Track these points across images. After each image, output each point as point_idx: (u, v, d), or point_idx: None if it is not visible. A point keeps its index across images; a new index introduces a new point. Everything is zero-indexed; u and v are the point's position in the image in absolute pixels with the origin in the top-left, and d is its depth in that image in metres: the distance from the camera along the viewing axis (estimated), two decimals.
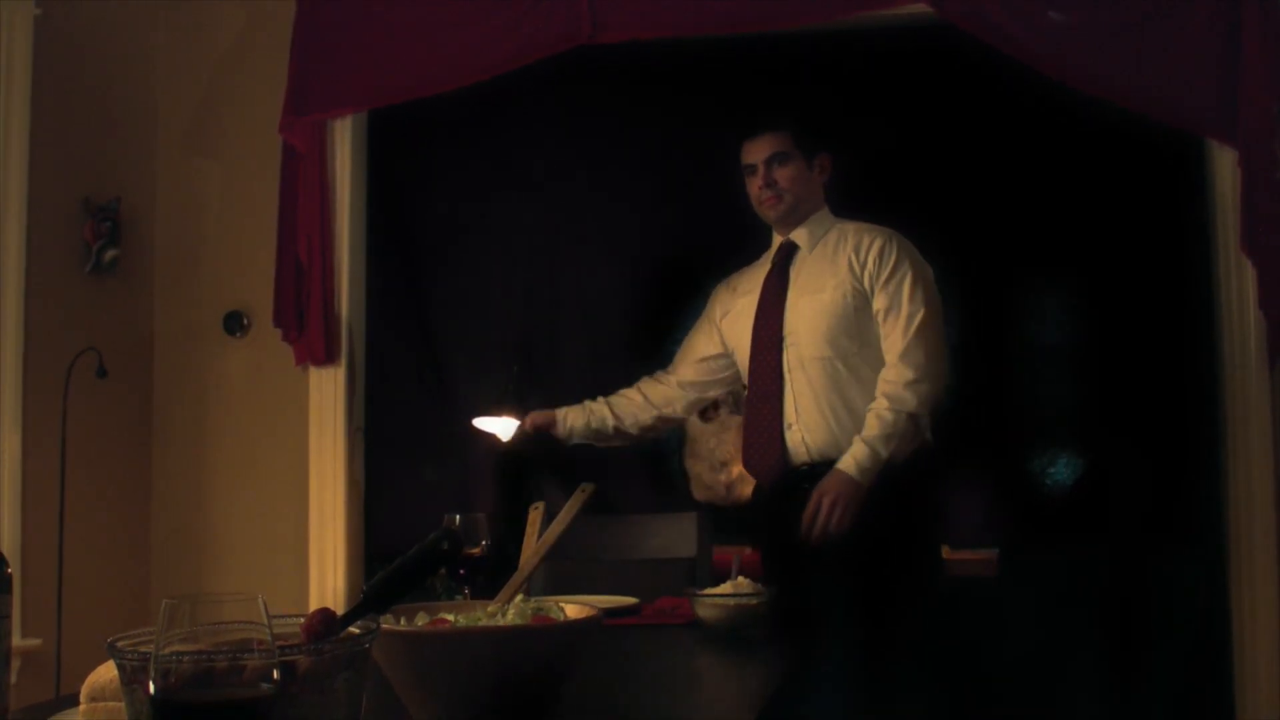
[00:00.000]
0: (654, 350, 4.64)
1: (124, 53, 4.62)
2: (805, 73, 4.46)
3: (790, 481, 3.27)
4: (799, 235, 3.43)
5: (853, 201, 3.51)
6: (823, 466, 3.19)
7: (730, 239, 3.67)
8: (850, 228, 3.41)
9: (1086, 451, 4.42)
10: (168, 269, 4.72)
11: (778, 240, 3.49)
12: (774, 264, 3.45)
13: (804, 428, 3.27)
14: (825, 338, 3.27)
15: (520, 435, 3.62)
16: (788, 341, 3.33)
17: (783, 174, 3.40)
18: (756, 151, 3.43)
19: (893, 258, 3.28)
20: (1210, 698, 4.04)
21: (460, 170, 4.78)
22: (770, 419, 3.32)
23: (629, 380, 3.68)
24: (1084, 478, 4.41)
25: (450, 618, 1.60)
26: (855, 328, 3.27)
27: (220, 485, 4.65)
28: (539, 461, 4.00)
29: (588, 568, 3.35)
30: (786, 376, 3.32)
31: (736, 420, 4.44)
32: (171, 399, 4.69)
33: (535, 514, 2.04)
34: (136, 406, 4.62)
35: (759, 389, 3.37)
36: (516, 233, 4.79)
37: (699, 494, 4.44)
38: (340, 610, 1.36)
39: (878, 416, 3.15)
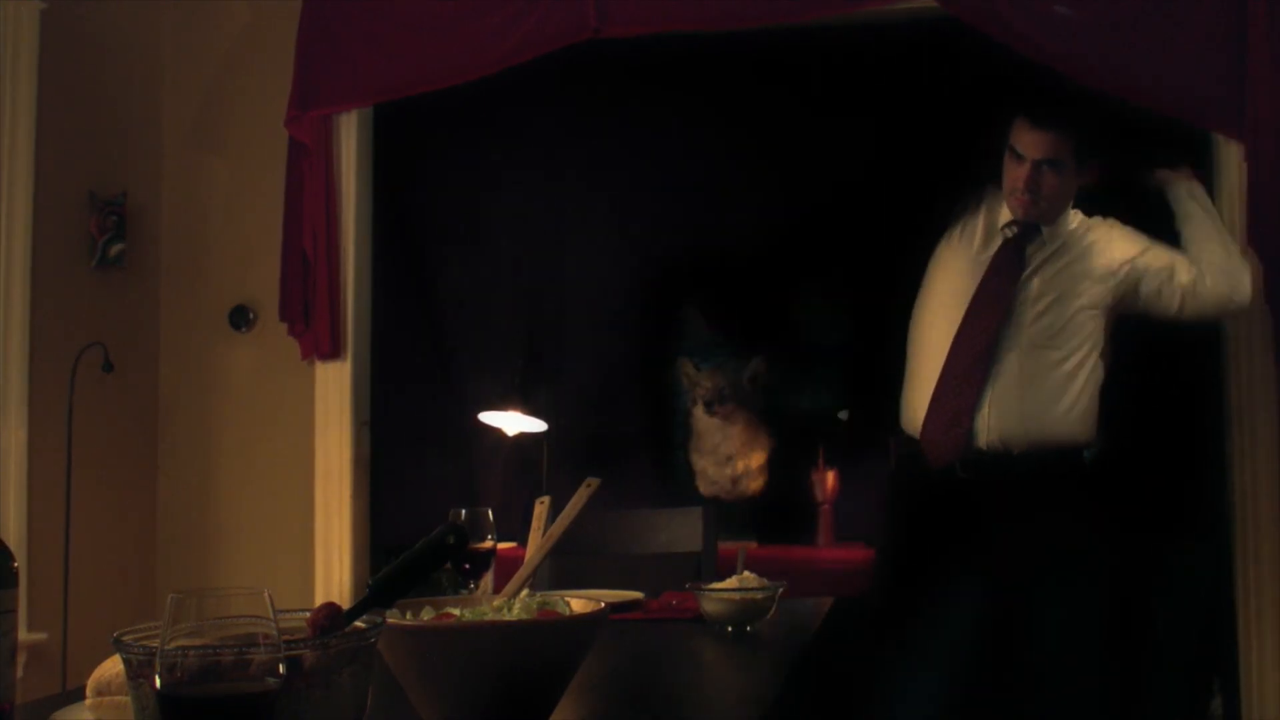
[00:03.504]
0: (659, 345, 4.66)
1: (130, 47, 4.62)
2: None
3: (975, 465, 3.25)
4: (1046, 224, 3.39)
5: None
6: (1005, 456, 3.20)
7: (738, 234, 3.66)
8: (1112, 227, 3.41)
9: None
10: (173, 263, 4.72)
11: (1007, 214, 3.41)
12: (1009, 239, 3.39)
13: (997, 411, 3.25)
14: (1055, 326, 3.26)
15: None
16: (1011, 321, 3.30)
17: (1051, 181, 3.30)
18: (1034, 145, 3.31)
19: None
20: (1216, 693, 4.03)
21: (466, 164, 4.78)
22: (965, 397, 3.28)
23: (634, 376, 3.68)
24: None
25: (456, 612, 1.60)
26: (1088, 325, 3.29)
27: (226, 479, 4.65)
28: None
29: (593, 562, 3.35)
30: (998, 354, 3.28)
31: (743, 415, 4.45)
32: (177, 393, 4.70)
33: (540, 508, 2.04)
34: (142, 401, 4.63)
35: (959, 365, 3.33)
36: (522, 226, 4.80)
37: (704, 488, 4.45)
38: (346, 605, 1.36)
39: None
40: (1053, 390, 3.27)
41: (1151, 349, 4.24)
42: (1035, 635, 3.16)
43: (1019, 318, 3.30)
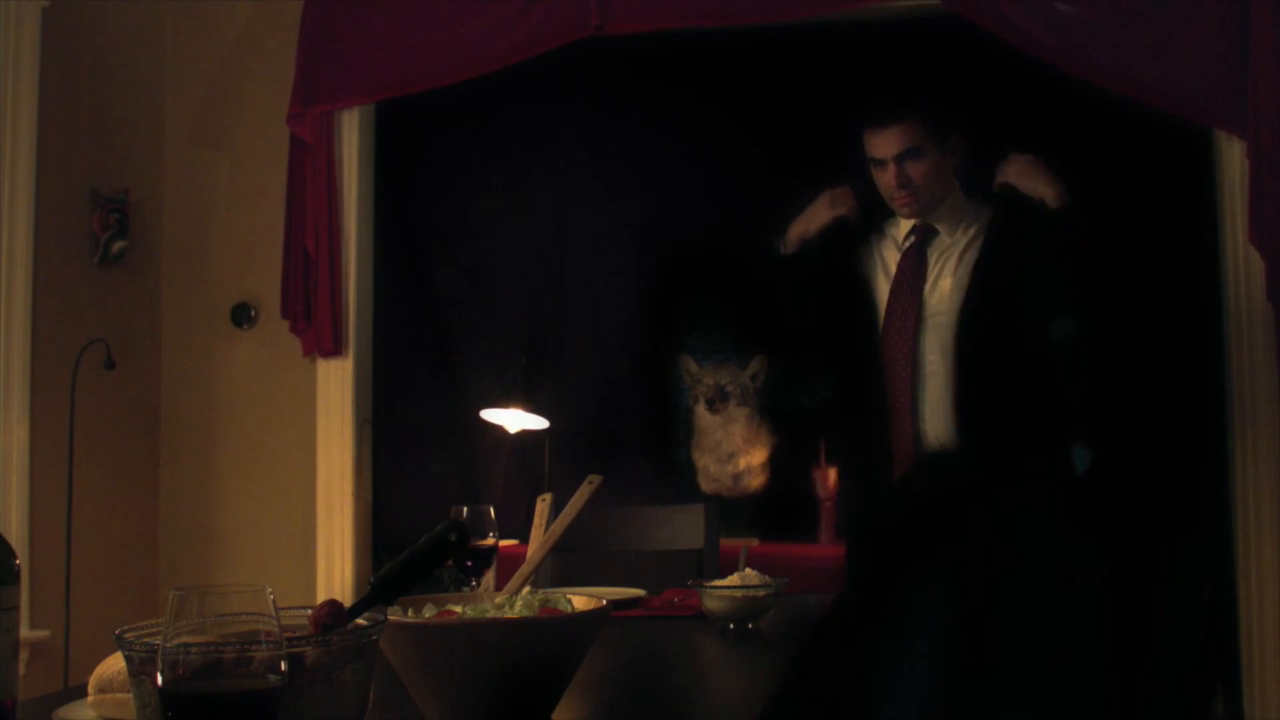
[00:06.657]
0: (662, 344, 4.65)
1: (132, 44, 4.62)
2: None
3: (924, 465, 3.25)
4: (939, 220, 3.36)
5: None
6: (947, 455, 3.19)
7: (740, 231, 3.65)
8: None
9: (1092, 443, 4.40)
10: (175, 260, 4.72)
11: (908, 223, 3.40)
12: (909, 246, 3.39)
13: (932, 411, 3.26)
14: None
15: None
16: (929, 324, 3.32)
17: (917, 170, 3.27)
18: (885, 146, 3.29)
19: None
20: (1217, 692, 4.03)
21: (468, 161, 4.77)
22: (903, 405, 3.28)
23: (636, 374, 3.66)
24: (1089, 470, 4.39)
25: (458, 609, 1.60)
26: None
27: (228, 477, 4.65)
28: None
29: (595, 560, 3.35)
30: (924, 359, 3.29)
31: (744, 412, 4.45)
32: (179, 390, 4.70)
33: (543, 505, 2.04)
34: (144, 398, 4.63)
35: (891, 374, 3.32)
36: (524, 224, 4.79)
37: (706, 486, 4.44)
38: (348, 602, 1.36)
39: None
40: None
41: (1152, 348, 4.25)
42: (1005, 631, 3.15)
43: (934, 319, 3.30)
